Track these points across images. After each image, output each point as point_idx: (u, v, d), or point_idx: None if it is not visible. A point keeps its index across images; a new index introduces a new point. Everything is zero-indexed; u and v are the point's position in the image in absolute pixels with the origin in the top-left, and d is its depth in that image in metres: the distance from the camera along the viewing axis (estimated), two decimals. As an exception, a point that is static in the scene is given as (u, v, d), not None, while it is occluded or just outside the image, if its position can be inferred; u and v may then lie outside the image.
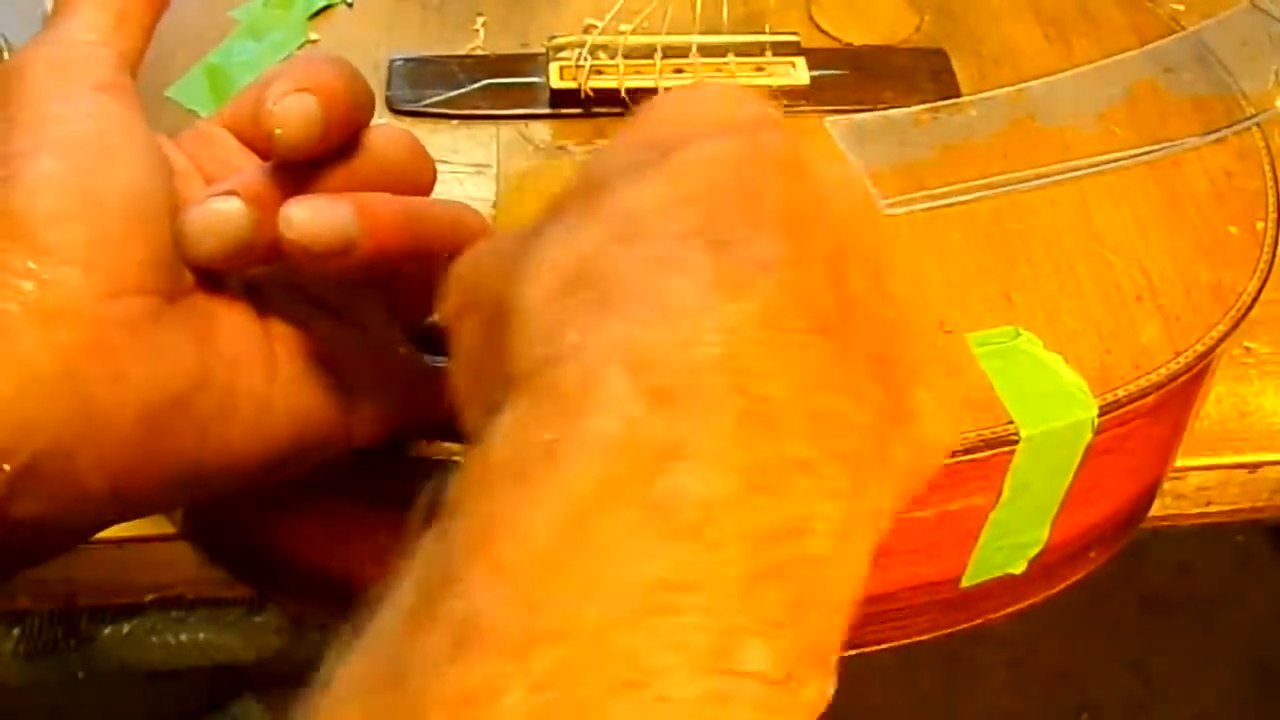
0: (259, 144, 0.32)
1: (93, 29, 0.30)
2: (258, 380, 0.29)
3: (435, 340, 0.34)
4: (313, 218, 0.27)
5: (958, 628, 0.42)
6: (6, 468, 0.25)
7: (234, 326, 0.30)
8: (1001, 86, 0.46)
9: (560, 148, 0.43)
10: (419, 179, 0.32)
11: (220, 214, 0.28)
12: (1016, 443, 0.35)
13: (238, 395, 0.29)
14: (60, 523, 0.27)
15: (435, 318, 0.26)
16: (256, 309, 0.31)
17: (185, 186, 0.30)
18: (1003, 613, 0.43)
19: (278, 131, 0.28)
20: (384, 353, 0.33)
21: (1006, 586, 0.41)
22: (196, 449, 0.28)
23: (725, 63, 0.45)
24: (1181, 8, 0.50)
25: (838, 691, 0.20)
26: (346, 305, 0.32)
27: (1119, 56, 0.47)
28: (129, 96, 0.29)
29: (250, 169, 0.30)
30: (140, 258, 0.28)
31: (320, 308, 0.32)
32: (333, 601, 0.42)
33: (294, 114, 0.28)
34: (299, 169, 0.29)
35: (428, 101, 0.44)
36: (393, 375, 0.33)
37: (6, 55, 0.36)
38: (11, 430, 0.25)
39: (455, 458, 0.34)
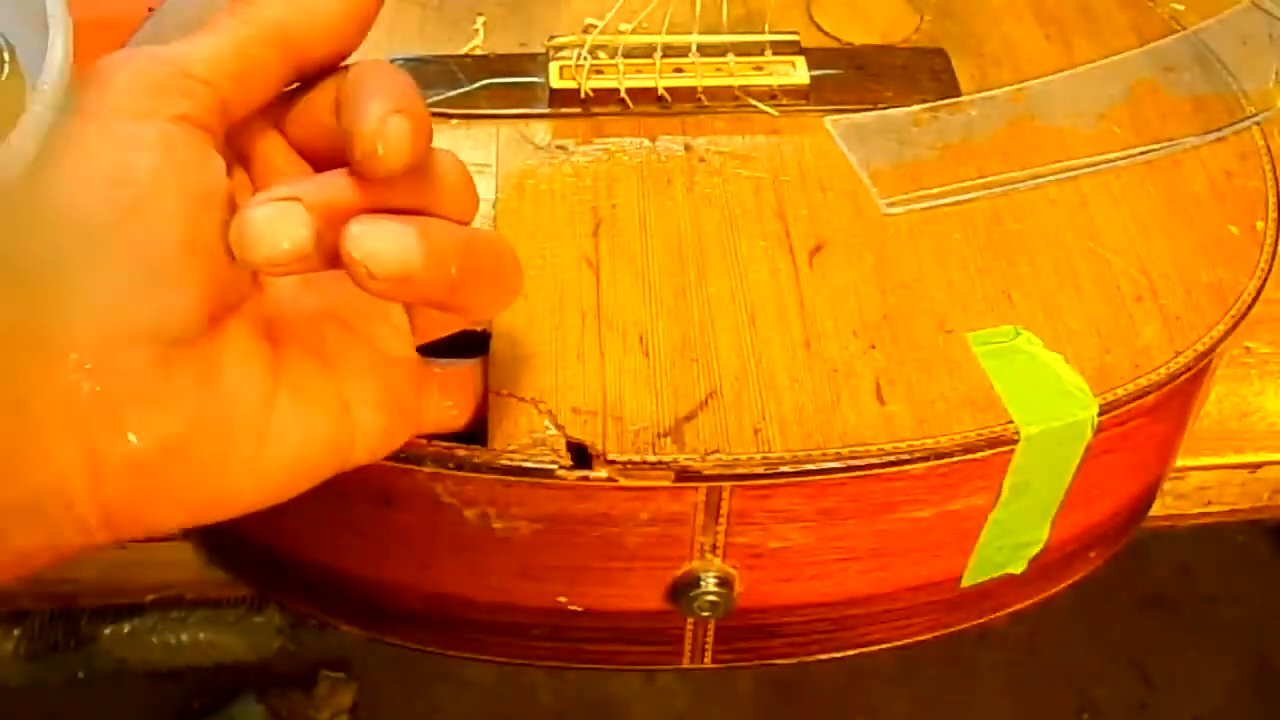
0: (312, 141, 0.31)
1: (207, 65, 0.29)
2: (256, 415, 0.29)
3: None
4: (379, 241, 0.27)
5: (958, 628, 0.42)
6: (8, 499, 0.25)
7: (237, 360, 0.29)
8: (1001, 86, 0.46)
9: (560, 147, 0.43)
10: (467, 205, 0.31)
11: (282, 220, 0.27)
12: (1016, 442, 0.36)
13: (235, 434, 0.28)
14: (55, 547, 0.27)
15: None
16: (263, 321, 0.30)
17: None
18: (1003, 613, 0.43)
19: (380, 150, 0.27)
20: (390, 368, 0.32)
21: (1006, 586, 0.41)
22: (192, 487, 0.28)
23: (725, 62, 0.45)
24: (1181, 7, 0.50)
25: (838, 691, 0.20)
26: (363, 315, 0.32)
27: (1119, 56, 0.48)
28: (206, 136, 0.28)
29: (318, 177, 0.29)
30: (160, 308, 0.27)
31: (333, 314, 0.32)
32: (332, 601, 0.42)
33: (400, 136, 0.27)
34: (367, 186, 0.28)
35: (428, 101, 0.44)
36: (397, 391, 0.32)
37: (6, 56, 0.36)
38: (13, 465, 0.25)
39: (456, 454, 0.34)
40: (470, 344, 0.36)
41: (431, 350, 0.35)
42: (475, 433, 0.35)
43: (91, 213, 0.26)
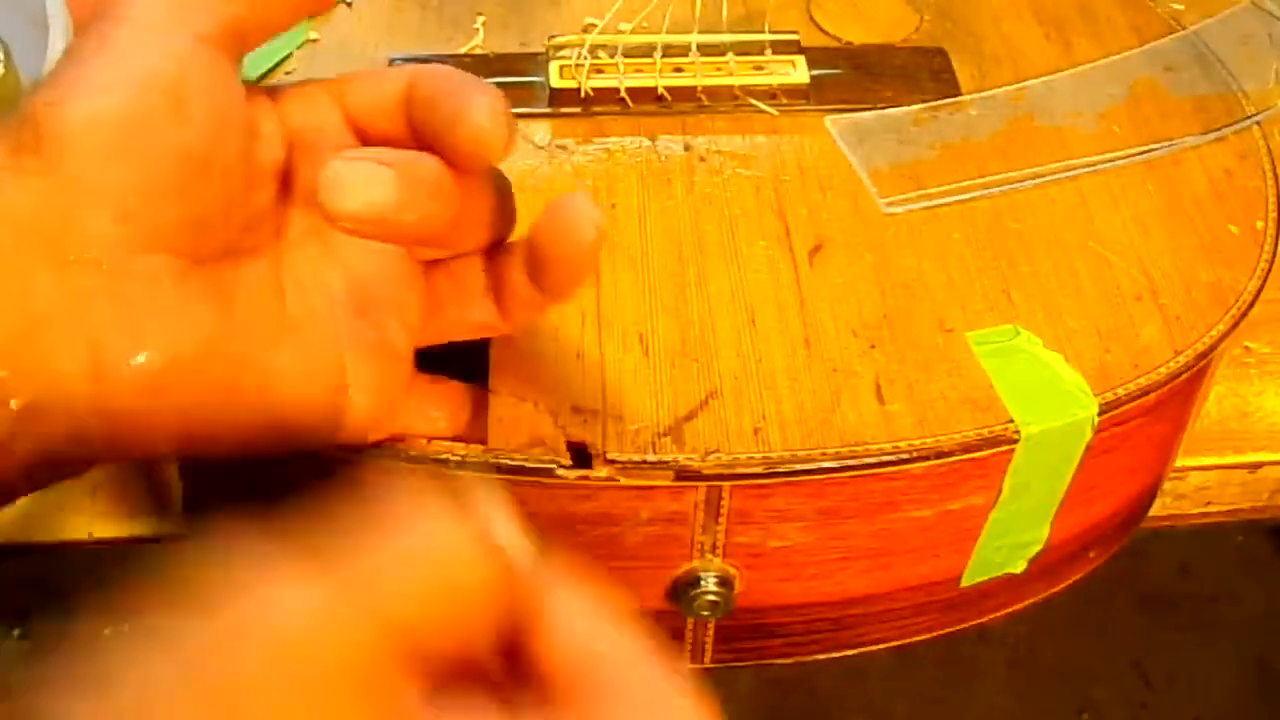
0: (391, 132, 0.32)
1: None
2: (263, 353, 0.29)
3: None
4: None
5: (958, 628, 0.42)
6: (13, 405, 0.25)
7: (252, 300, 0.30)
8: (1001, 86, 0.46)
9: (560, 147, 0.43)
10: (509, 217, 0.33)
11: (375, 180, 0.28)
12: (1016, 442, 0.36)
13: (243, 368, 0.29)
14: (54, 462, 0.27)
15: None
16: (280, 287, 0.31)
17: (268, 153, 0.30)
18: (1003, 613, 0.43)
19: (488, 141, 0.29)
20: (391, 360, 0.33)
21: (1006, 586, 0.41)
22: (195, 411, 0.28)
23: (725, 61, 0.45)
24: (1181, 7, 0.50)
25: (838, 690, 0.20)
26: (378, 302, 0.32)
27: (1119, 56, 0.48)
28: (227, 56, 0.29)
29: (407, 153, 0.30)
30: (180, 218, 0.27)
31: (348, 299, 0.32)
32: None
33: (506, 130, 0.29)
34: (445, 174, 0.30)
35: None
36: (390, 384, 0.33)
37: (1, 54, 0.36)
38: (17, 368, 0.25)
39: (456, 456, 0.34)
40: (472, 355, 0.36)
41: (433, 359, 0.35)
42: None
43: (119, 112, 0.27)
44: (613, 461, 0.34)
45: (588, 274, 0.32)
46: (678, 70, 0.45)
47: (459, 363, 0.36)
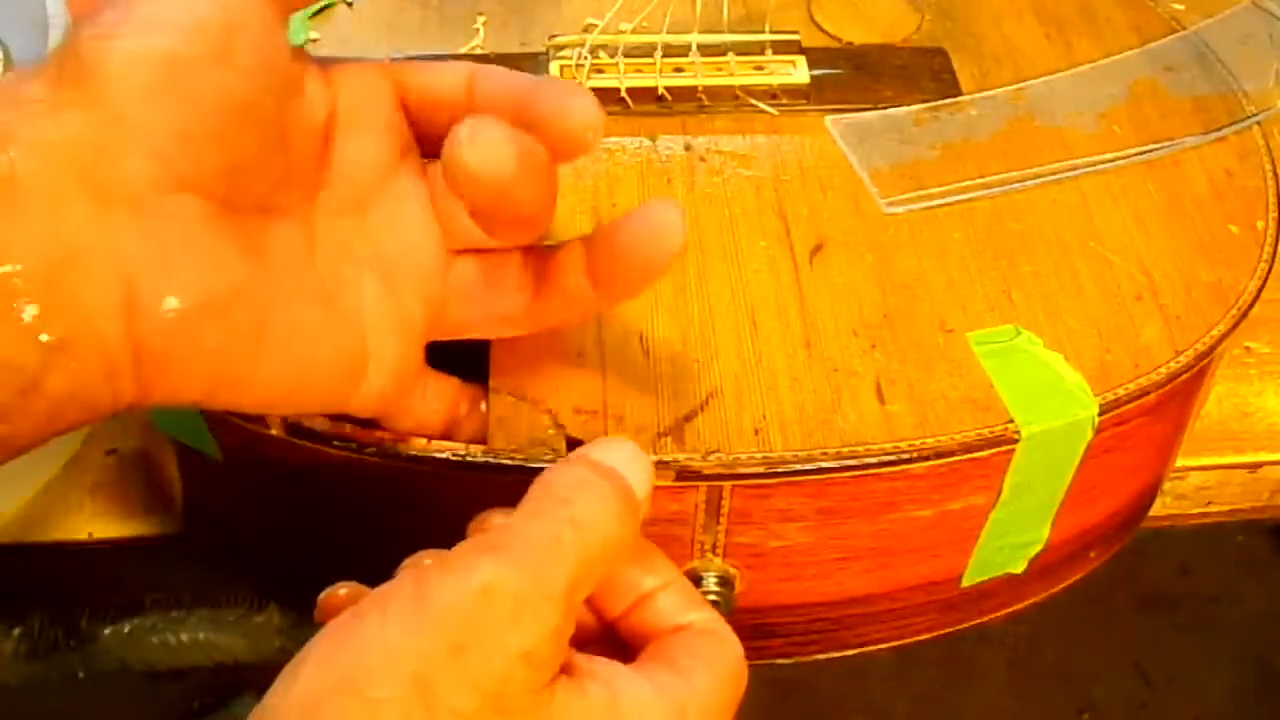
0: (445, 123, 0.32)
1: None
2: (292, 305, 0.30)
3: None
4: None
5: (958, 628, 0.42)
6: (44, 339, 0.25)
7: (284, 255, 0.30)
8: (1002, 86, 0.46)
9: (560, 147, 0.43)
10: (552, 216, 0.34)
11: (505, 146, 0.30)
12: (1017, 441, 0.36)
13: (272, 318, 0.29)
14: (83, 400, 0.27)
15: None
16: (311, 250, 0.31)
17: (309, 113, 0.31)
18: (1003, 613, 0.43)
19: (590, 138, 0.31)
20: (411, 338, 0.33)
21: (1006, 586, 0.41)
22: (221, 355, 0.28)
23: (725, 61, 0.45)
24: (1182, 7, 0.50)
25: (838, 690, 0.20)
26: (404, 284, 0.33)
27: (1119, 56, 0.48)
28: (275, 9, 0.29)
29: (525, 134, 0.31)
30: (216, 162, 0.27)
31: (376, 275, 0.32)
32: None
33: (601, 128, 0.31)
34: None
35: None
36: (406, 362, 0.33)
37: (3, 58, 0.36)
38: (51, 302, 0.25)
39: (456, 455, 0.34)
40: (472, 355, 0.36)
41: (434, 358, 0.35)
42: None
43: (165, 52, 0.27)
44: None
45: (658, 279, 0.33)
46: (678, 70, 0.45)
47: (459, 362, 0.36)
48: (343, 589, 0.30)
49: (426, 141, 0.34)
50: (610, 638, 0.31)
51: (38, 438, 0.26)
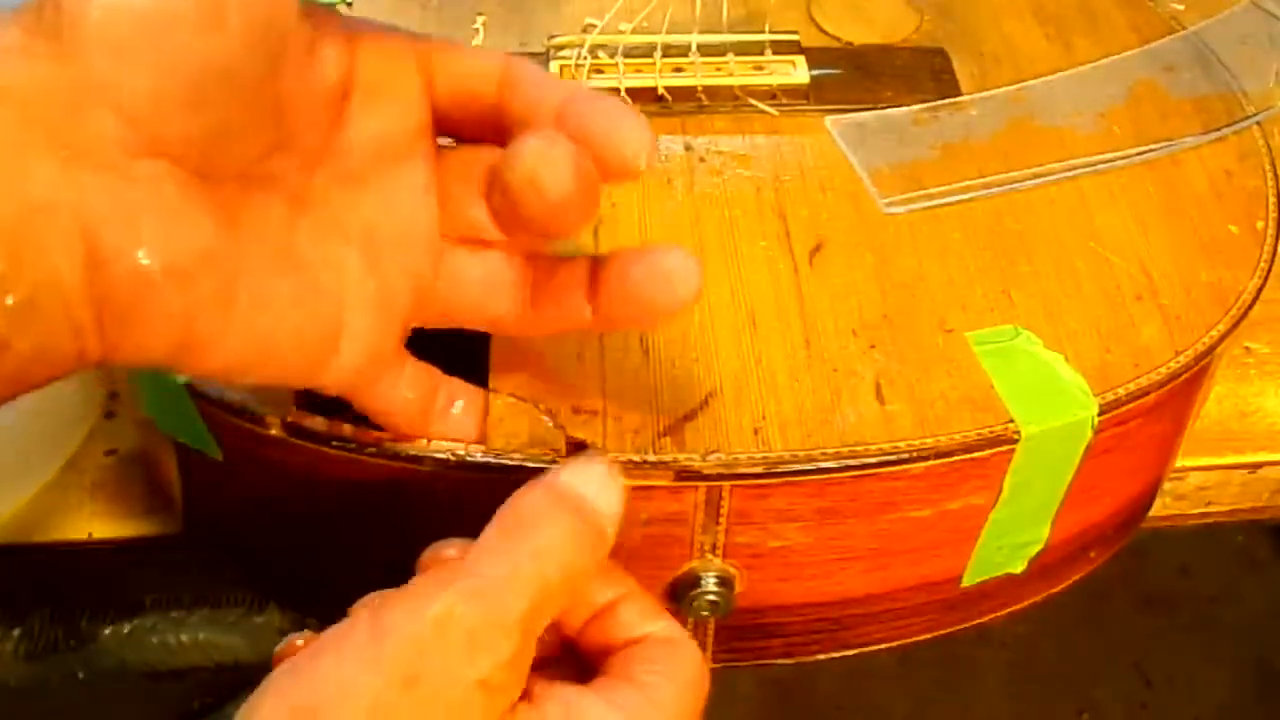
0: (472, 109, 0.32)
1: None
2: (262, 275, 0.29)
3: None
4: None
5: (958, 628, 0.42)
6: (9, 301, 0.25)
7: (259, 225, 0.29)
8: (1001, 86, 0.46)
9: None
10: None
11: (570, 164, 0.29)
12: (1017, 441, 0.36)
13: (241, 286, 0.28)
14: (50, 358, 0.26)
15: None
16: (294, 220, 0.30)
17: (317, 76, 0.30)
18: (1003, 613, 0.43)
19: (643, 163, 0.30)
20: (390, 318, 0.32)
21: (1006, 586, 0.41)
22: (185, 318, 0.27)
23: (725, 62, 0.45)
24: (1181, 7, 0.50)
25: (838, 691, 0.20)
26: (391, 262, 0.32)
27: (1119, 56, 0.48)
28: None
29: (580, 151, 0.30)
30: (193, 128, 0.27)
31: (364, 250, 0.32)
32: (332, 604, 0.42)
33: (652, 151, 0.30)
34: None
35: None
36: (382, 342, 0.32)
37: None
38: (15, 259, 0.25)
39: (456, 456, 0.34)
40: (468, 348, 0.36)
41: (434, 358, 0.35)
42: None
43: (147, 9, 0.26)
44: (613, 461, 0.34)
45: (662, 325, 0.33)
46: (678, 70, 0.45)
47: (459, 363, 0.36)
48: (299, 639, 0.30)
49: (445, 124, 0.33)
50: (570, 653, 0.31)
51: (5, 395, 0.26)
